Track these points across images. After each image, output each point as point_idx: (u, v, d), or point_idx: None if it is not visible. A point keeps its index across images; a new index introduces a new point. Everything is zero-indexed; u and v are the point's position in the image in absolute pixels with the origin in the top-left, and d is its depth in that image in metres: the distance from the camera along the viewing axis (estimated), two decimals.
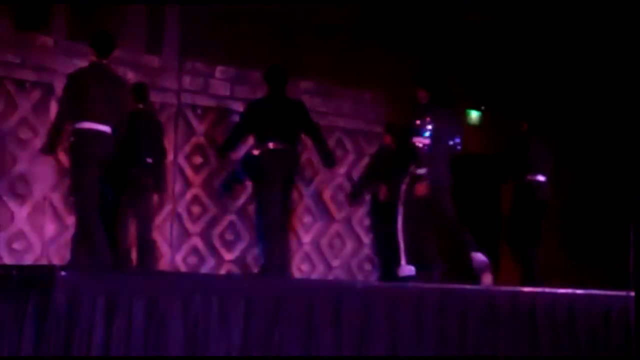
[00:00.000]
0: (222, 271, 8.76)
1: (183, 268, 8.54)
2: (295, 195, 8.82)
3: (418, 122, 7.06)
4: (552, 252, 9.69)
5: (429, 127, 7.04)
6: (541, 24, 10.19)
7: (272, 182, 7.31)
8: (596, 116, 10.75)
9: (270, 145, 7.27)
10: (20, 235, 7.82)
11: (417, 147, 7.02)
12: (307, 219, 9.37)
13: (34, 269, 6.03)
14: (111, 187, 7.24)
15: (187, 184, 8.70)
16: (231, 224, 8.92)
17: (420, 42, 9.95)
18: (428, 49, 9.86)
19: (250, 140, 7.68)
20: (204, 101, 8.83)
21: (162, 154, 7.84)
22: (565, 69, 10.74)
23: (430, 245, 7.28)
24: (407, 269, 7.01)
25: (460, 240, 7.07)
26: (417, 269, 7.02)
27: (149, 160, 7.54)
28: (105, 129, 6.60)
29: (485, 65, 10.72)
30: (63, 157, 7.79)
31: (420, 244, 7.13)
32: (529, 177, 8.44)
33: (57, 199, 7.96)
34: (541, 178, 8.48)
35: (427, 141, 7.02)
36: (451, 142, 7.24)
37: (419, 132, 7.04)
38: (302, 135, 7.60)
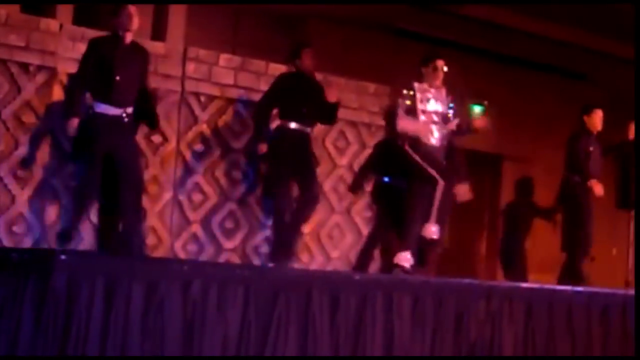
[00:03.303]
0: (221, 259, 8.76)
1: (182, 255, 8.53)
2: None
3: None
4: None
5: None
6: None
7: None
8: None
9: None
10: (21, 218, 7.82)
11: None
12: None
13: (33, 252, 6.05)
14: None
15: (188, 172, 8.70)
16: (231, 213, 8.92)
17: (425, 35, 9.95)
18: (433, 41, 9.86)
19: None
20: (207, 89, 8.82)
21: None
22: None
23: None
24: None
25: None
26: None
27: None
28: None
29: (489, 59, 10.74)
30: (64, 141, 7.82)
31: None
32: None
33: (58, 182, 7.96)
34: None
35: None
36: None
37: None
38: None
